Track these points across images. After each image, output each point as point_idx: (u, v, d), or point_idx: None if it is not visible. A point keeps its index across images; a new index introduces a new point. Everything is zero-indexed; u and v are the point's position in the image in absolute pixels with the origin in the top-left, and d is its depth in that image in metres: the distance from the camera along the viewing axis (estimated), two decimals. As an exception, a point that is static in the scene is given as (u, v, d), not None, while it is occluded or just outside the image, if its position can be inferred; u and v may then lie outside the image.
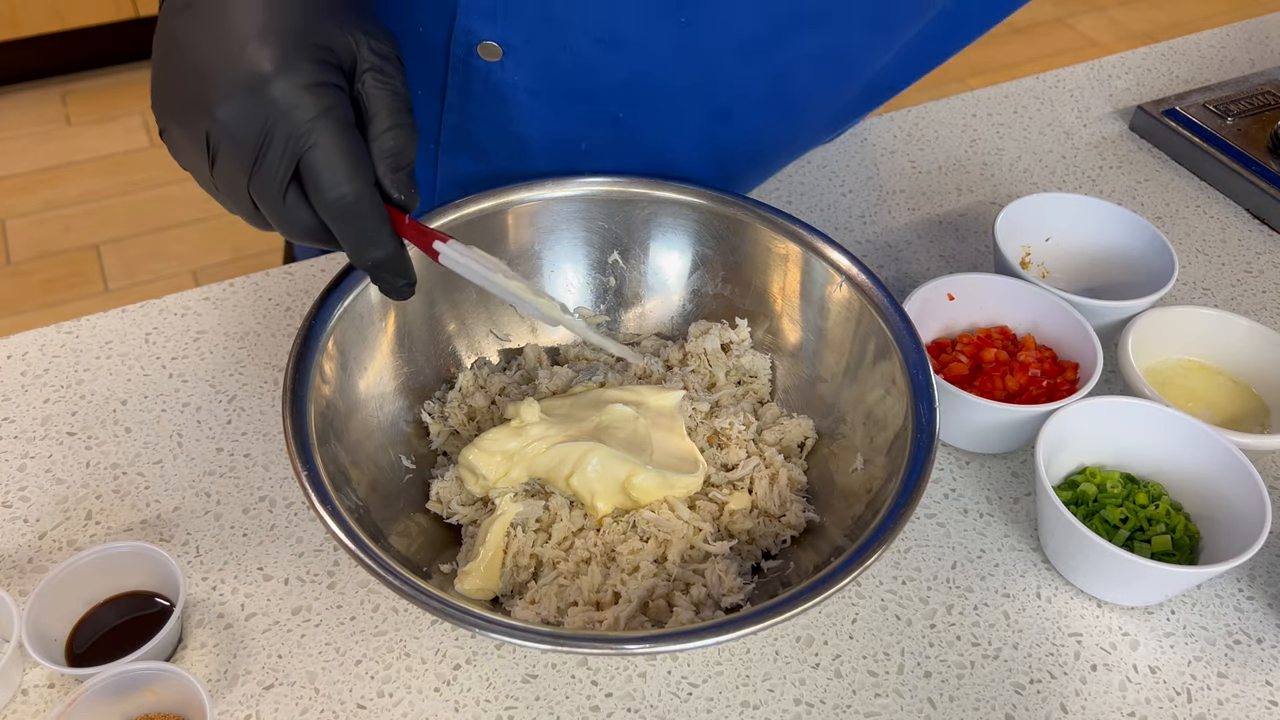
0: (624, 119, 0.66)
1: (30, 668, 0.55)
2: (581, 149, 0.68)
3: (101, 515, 0.62)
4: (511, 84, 0.64)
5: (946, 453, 0.69)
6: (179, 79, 0.45)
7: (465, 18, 0.61)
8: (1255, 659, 0.59)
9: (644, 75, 0.62)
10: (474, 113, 0.67)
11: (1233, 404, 0.70)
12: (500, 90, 0.64)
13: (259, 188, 0.45)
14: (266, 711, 0.54)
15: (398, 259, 0.49)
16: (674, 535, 0.57)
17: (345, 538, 0.49)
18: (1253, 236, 0.88)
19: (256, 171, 0.45)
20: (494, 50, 0.62)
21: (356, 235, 0.47)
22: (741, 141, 0.70)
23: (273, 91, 0.43)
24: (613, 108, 0.65)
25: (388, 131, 0.47)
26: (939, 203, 0.89)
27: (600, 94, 0.64)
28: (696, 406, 0.64)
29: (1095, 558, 0.57)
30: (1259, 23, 1.15)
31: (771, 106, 0.67)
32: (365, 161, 0.46)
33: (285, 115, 0.43)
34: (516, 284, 0.52)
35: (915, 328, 0.59)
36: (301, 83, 0.44)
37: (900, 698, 0.56)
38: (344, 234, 0.47)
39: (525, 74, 0.63)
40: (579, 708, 0.55)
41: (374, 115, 0.47)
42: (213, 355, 0.72)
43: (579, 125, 0.67)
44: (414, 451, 0.63)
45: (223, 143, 0.44)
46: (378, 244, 0.48)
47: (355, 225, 0.46)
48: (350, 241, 0.47)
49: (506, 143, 0.69)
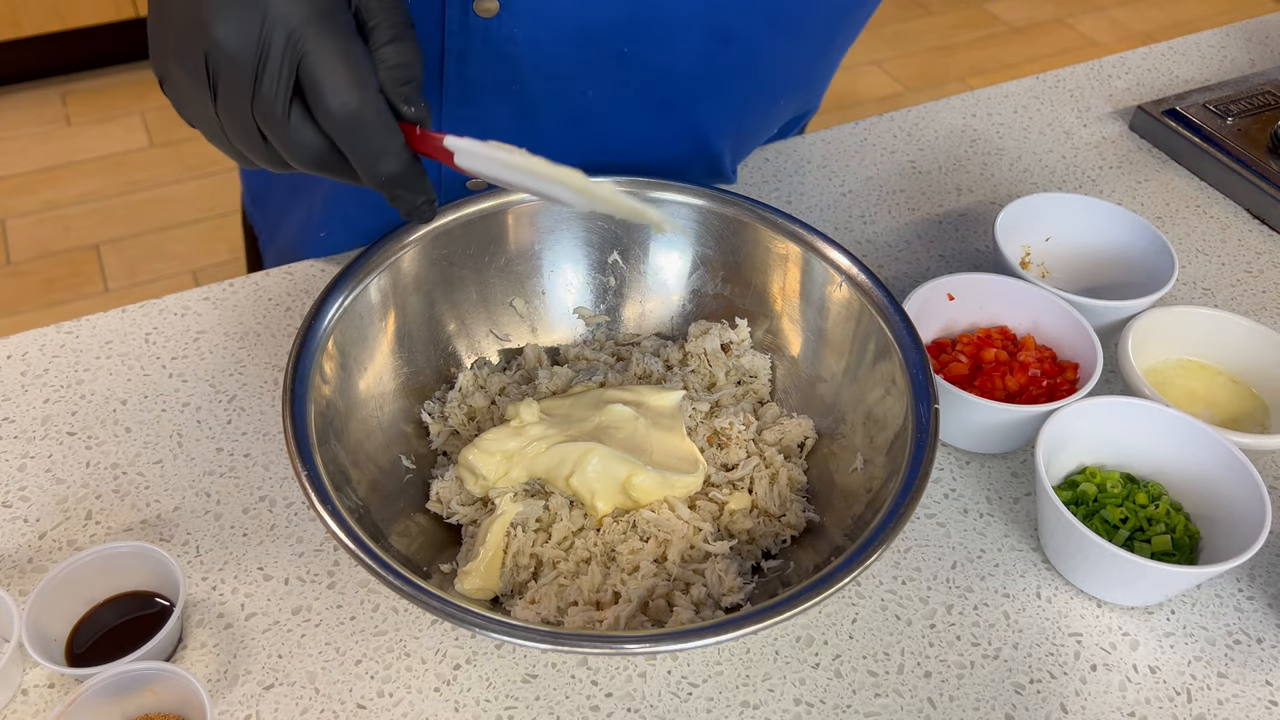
0: (628, 53, 0.65)
1: (30, 668, 0.55)
2: (589, 97, 0.67)
3: (101, 515, 0.62)
4: (511, 38, 0.63)
5: (946, 453, 0.69)
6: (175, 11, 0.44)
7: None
8: (1255, 659, 0.59)
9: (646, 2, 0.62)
10: (476, 76, 0.66)
11: (1233, 404, 0.70)
12: (501, 47, 0.63)
13: (262, 108, 0.43)
14: (266, 711, 0.54)
15: (412, 172, 0.46)
16: (674, 535, 0.57)
17: (345, 538, 0.49)
18: (1253, 236, 0.88)
19: (258, 90, 0.43)
20: (489, 6, 0.61)
21: (365, 148, 0.45)
22: (744, 68, 0.69)
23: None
24: (616, 43, 0.64)
25: (390, 44, 0.45)
26: (939, 203, 0.89)
27: (603, 30, 0.63)
28: (696, 406, 0.64)
29: (1095, 558, 0.57)
30: (1259, 23, 1.15)
31: (772, 24, 0.66)
32: (368, 69, 0.44)
33: (280, 21, 0.42)
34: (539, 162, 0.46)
35: (915, 328, 0.59)
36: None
37: (900, 698, 0.56)
38: (352, 148, 0.45)
39: (524, 24, 0.62)
40: (579, 708, 0.55)
41: (375, 27, 0.45)
42: (213, 355, 0.72)
43: (583, 70, 0.66)
44: (414, 451, 0.63)
45: (222, 63, 0.43)
46: (389, 156, 0.45)
47: (362, 136, 0.44)
48: (359, 156, 0.45)
49: (512, 101, 0.68)
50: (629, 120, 0.70)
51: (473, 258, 0.66)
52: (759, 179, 0.90)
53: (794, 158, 0.93)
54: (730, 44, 0.66)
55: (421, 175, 0.47)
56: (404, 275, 0.63)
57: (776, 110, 0.80)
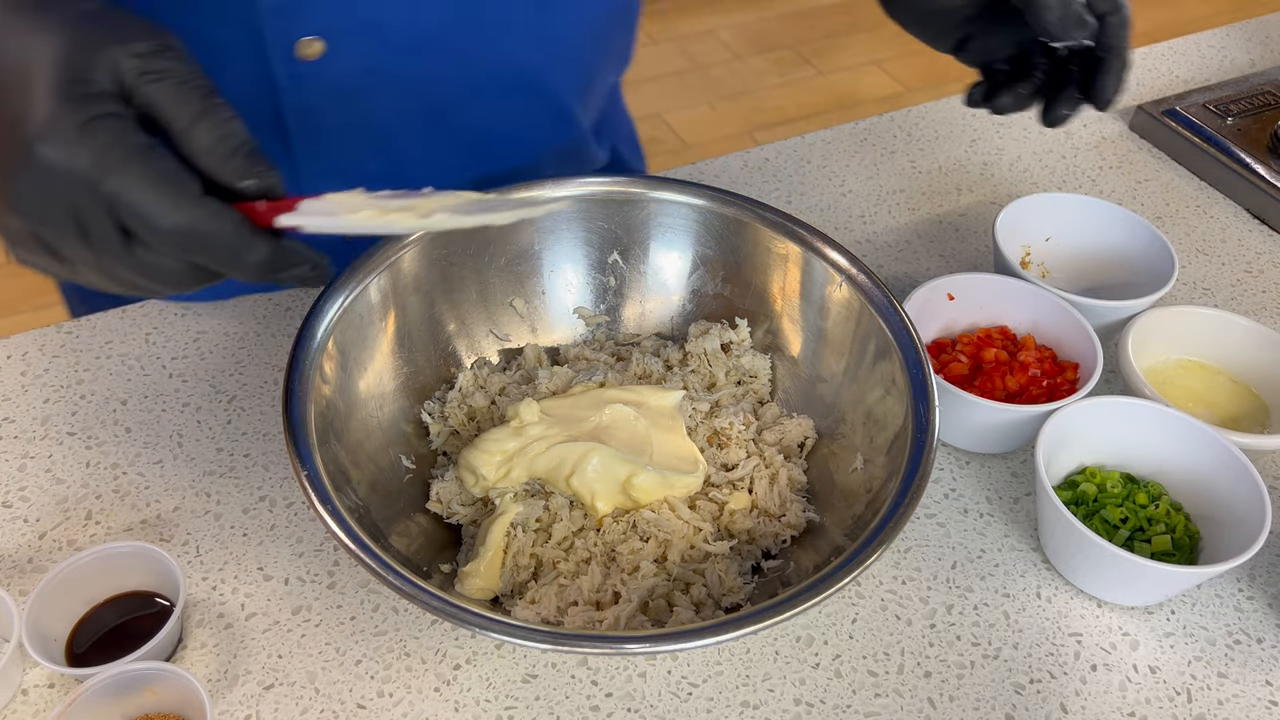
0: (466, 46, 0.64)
1: (30, 668, 0.55)
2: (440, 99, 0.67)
3: (101, 515, 0.62)
4: (347, 72, 0.62)
5: (946, 453, 0.69)
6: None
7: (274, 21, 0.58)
8: (1255, 659, 0.59)
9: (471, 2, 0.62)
10: (321, 120, 0.65)
11: (1233, 404, 0.70)
12: (338, 83, 0.62)
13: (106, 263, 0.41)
14: (266, 711, 0.54)
15: (280, 251, 0.42)
16: (674, 535, 0.57)
17: (345, 538, 0.49)
18: (1253, 236, 0.88)
19: (94, 250, 0.40)
20: (314, 48, 0.59)
21: (219, 255, 0.41)
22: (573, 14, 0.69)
23: (44, 159, 0.38)
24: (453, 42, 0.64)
25: (194, 126, 0.41)
26: (939, 203, 0.89)
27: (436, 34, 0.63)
28: (696, 406, 0.64)
29: (1095, 558, 0.57)
30: (1259, 23, 1.15)
31: None
32: (179, 177, 0.40)
33: (69, 177, 0.39)
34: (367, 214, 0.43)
35: (915, 328, 0.59)
36: (65, 134, 0.39)
37: (900, 698, 0.56)
38: (207, 260, 0.41)
39: (356, 54, 0.61)
40: (579, 708, 0.55)
41: (170, 119, 0.41)
42: (213, 355, 0.72)
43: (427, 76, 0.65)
44: (414, 451, 0.63)
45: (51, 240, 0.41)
46: (242, 252, 0.41)
47: (206, 246, 0.41)
48: (219, 264, 0.42)
49: (363, 133, 0.67)
50: (481, 112, 0.70)
51: (473, 258, 0.66)
52: (759, 179, 0.90)
53: (794, 158, 0.93)
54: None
55: (293, 249, 0.43)
56: (404, 275, 0.63)
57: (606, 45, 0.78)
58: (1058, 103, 0.62)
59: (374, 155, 0.69)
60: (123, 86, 0.41)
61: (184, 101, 0.41)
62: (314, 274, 0.44)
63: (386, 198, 0.43)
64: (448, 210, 0.43)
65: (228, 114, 0.42)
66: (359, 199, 0.43)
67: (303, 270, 0.44)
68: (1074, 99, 0.62)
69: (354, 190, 0.44)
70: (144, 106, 0.41)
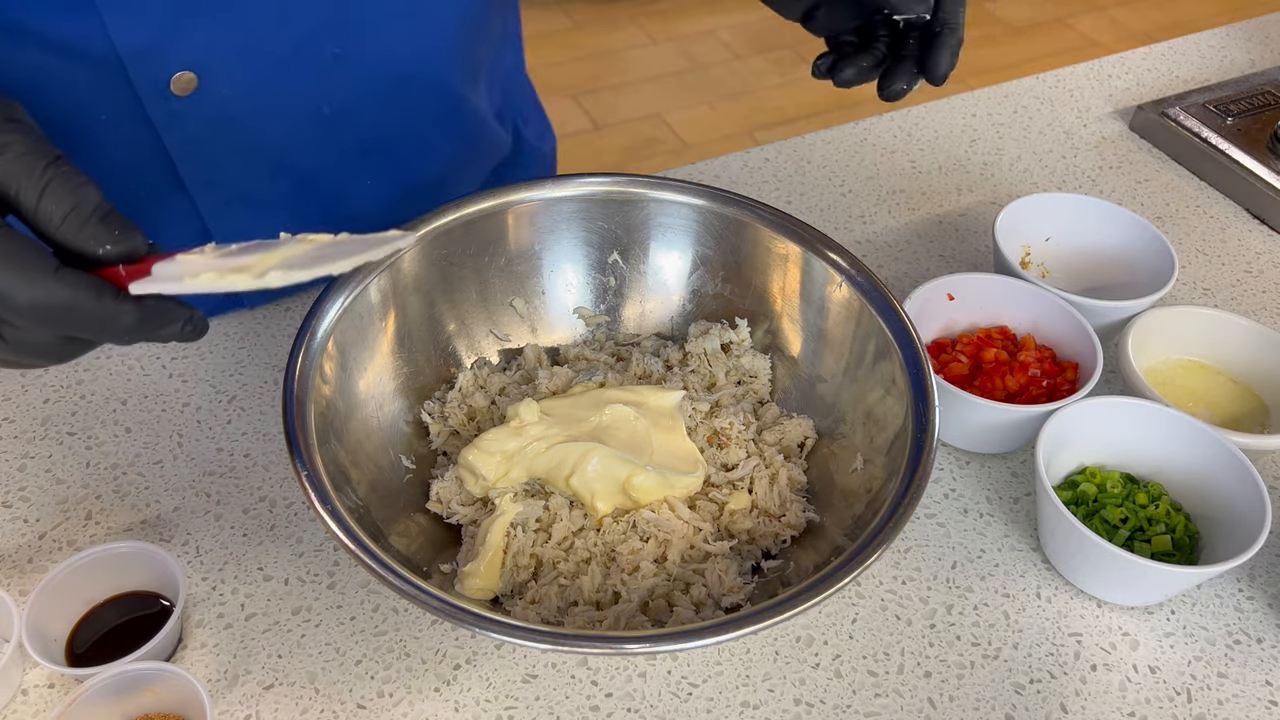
0: (342, 53, 0.64)
1: (30, 668, 0.55)
2: (326, 113, 0.66)
3: (101, 515, 0.62)
4: (224, 100, 0.61)
5: (946, 453, 0.69)
6: None
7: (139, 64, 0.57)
8: (1255, 659, 0.59)
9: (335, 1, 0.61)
10: (207, 153, 0.64)
11: (1233, 404, 0.70)
12: (217, 113, 0.61)
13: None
14: (266, 711, 0.54)
15: (148, 315, 0.41)
16: (674, 535, 0.57)
17: (345, 538, 0.49)
18: (1253, 236, 0.88)
19: None
20: (186, 80, 0.59)
21: (85, 325, 0.40)
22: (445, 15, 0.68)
23: None
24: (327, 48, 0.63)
25: (42, 197, 0.40)
26: (939, 203, 0.89)
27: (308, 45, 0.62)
28: (696, 406, 0.64)
29: (1095, 558, 0.57)
30: (1259, 23, 1.15)
31: None
32: (30, 252, 0.39)
33: None
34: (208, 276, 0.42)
35: (915, 328, 0.59)
36: None
37: (900, 698, 0.56)
38: (75, 331, 0.41)
39: (230, 81, 0.60)
40: (579, 708, 0.55)
41: (16, 192, 0.40)
42: (213, 355, 0.72)
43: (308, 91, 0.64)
44: (414, 451, 0.63)
45: None
46: (108, 321, 0.40)
47: (74, 318, 0.40)
48: (89, 333, 0.41)
49: (254, 157, 0.66)
50: (369, 112, 0.69)
51: (473, 258, 0.66)
52: (759, 179, 0.90)
53: (794, 158, 0.93)
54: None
55: (161, 309, 0.42)
56: (404, 275, 0.63)
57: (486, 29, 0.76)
58: (893, 76, 0.62)
59: (273, 177, 0.68)
60: None
61: (28, 173, 0.40)
62: (188, 329, 0.43)
63: (234, 253, 0.43)
64: (283, 266, 0.41)
65: (78, 180, 0.41)
66: (205, 259, 0.42)
67: (175, 328, 0.43)
68: (911, 73, 0.62)
69: (204, 247, 0.43)
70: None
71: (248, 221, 0.66)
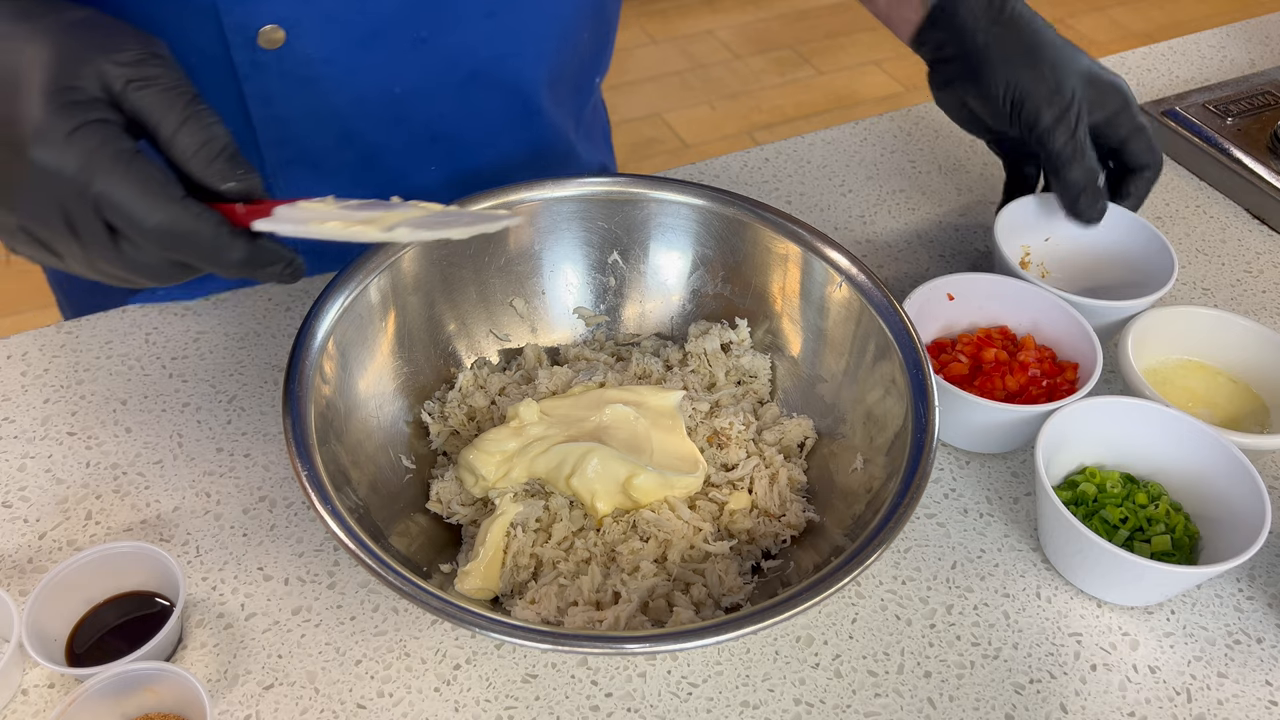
0: (426, 37, 0.65)
1: (30, 668, 0.55)
2: (398, 92, 0.68)
3: (101, 515, 0.62)
4: (307, 60, 0.63)
5: (946, 453, 0.69)
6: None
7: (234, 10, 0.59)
8: (1255, 659, 0.59)
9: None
10: (283, 111, 0.66)
11: (1233, 404, 0.70)
12: (299, 72, 0.63)
13: (96, 255, 0.43)
14: (266, 711, 0.54)
15: (256, 253, 0.45)
16: (674, 535, 0.57)
17: (345, 538, 0.49)
18: (1252, 236, 0.88)
19: (84, 246, 0.42)
20: (275, 36, 0.61)
21: (199, 253, 0.43)
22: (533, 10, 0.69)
23: (36, 161, 0.41)
24: (410, 31, 0.65)
25: (179, 131, 0.43)
26: (939, 203, 0.89)
27: (393, 23, 0.64)
28: (696, 406, 0.64)
29: (1095, 558, 0.57)
30: (1259, 23, 1.15)
31: None
32: (162, 179, 0.42)
33: (59, 179, 0.41)
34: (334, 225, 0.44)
35: (915, 328, 0.59)
36: (56, 138, 0.41)
37: (900, 698, 0.56)
38: (188, 257, 0.44)
39: (315, 42, 0.62)
40: (579, 708, 0.55)
41: (156, 124, 0.43)
42: (213, 355, 0.72)
43: (386, 67, 0.66)
44: (414, 451, 0.63)
45: (45, 237, 0.43)
46: (221, 251, 0.44)
47: (190, 245, 0.43)
48: (199, 260, 0.44)
49: (327, 124, 0.68)
50: (442, 102, 0.71)
51: (473, 258, 0.66)
52: (759, 179, 0.90)
53: (794, 158, 0.93)
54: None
55: (269, 249, 0.45)
56: (404, 275, 0.63)
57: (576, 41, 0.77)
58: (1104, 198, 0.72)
59: (340, 146, 0.70)
60: (111, 93, 0.43)
61: (169, 107, 0.43)
62: (288, 272, 0.47)
63: (355, 208, 0.45)
64: (409, 224, 0.44)
65: (211, 119, 0.44)
66: (328, 209, 0.45)
67: (278, 269, 0.46)
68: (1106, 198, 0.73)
69: (326, 198, 0.46)
70: (131, 112, 0.43)
71: (308, 185, 0.68)
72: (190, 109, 0.43)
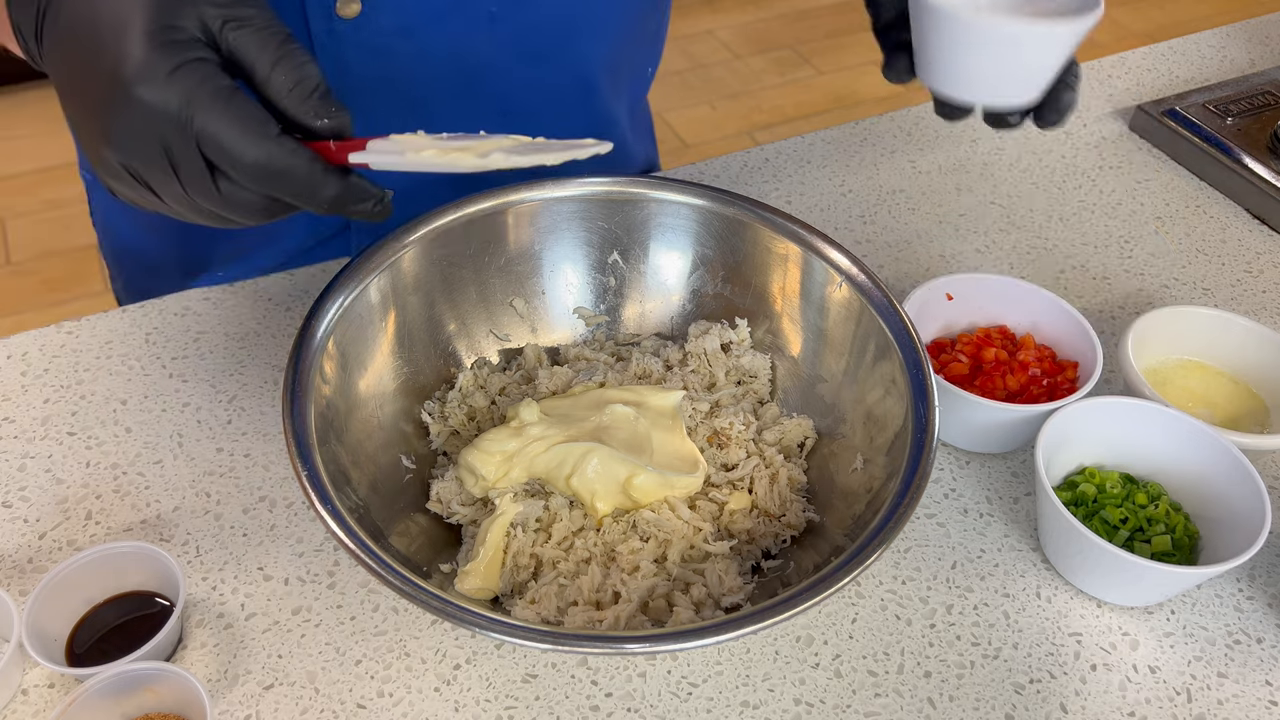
0: (498, 13, 0.67)
1: (30, 668, 0.55)
2: (469, 65, 0.69)
3: (101, 515, 0.62)
4: (381, 31, 0.64)
5: (946, 453, 0.69)
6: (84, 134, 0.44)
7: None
8: (1255, 659, 0.59)
9: None
10: (355, 79, 0.67)
11: (1233, 404, 0.70)
12: (372, 42, 0.64)
13: (194, 191, 0.44)
14: (266, 711, 0.54)
15: (349, 187, 0.46)
16: (674, 535, 0.57)
17: (345, 538, 0.49)
18: (1252, 236, 0.88)
19: (183, 181, 0.43)
20: (353, 7, 0.62)
21: (294, 189, 0.45)
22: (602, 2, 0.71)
23: (139, 99, 0.42)
24: (484, 7, 0.66)
25: (274, 70, 0.44)
26: (939, 203, 0.89)
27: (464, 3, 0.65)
28: (696, 406, 0.64)
29: (1095, 558, 0.57)
30: (1259, 23, 1.15)
31: None
32: (259, 117, 0.44)
33: (161, 115, 0.42)
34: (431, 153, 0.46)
35: (915, 328, 0.59)
36: (158, 76, 0.42)
37: (900, 698, 0.56)
38: (281, 192, 0.45)
39: (392, 14, 0.63)
40: (579, 707, 0.55)
41: (252, 63, 0.44)
42: (213, 355, 0.72)
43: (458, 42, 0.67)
44: (414, 451, 0.63)
45: (142, 172, 0.44)
46: (316, 187, 0.45)
47: (283, 180, 0.44)
48: (294, 197, 0.45)
49: (395, 93, 0.69)
50: (510, 78, 0.72)
51: (473, 258, 0.66)
52: (759, 179, 0.90)
53: (794, 158, 0.93)
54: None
55: (360, 186, 0.47)
56: (404, 275, 0.63)
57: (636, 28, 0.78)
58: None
59: (406, 117, 0.70)
60: (208, 33, 0.44)
61: (264, 47, 0.44)
62: (378, 209, 0.48)
63: (446, 139, 0.47)
64: (503, 150, 0.46)
65: (304, 58, 0.45)
66: (422, 139, 0.47)
67: (369, 205, 0.47)
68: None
69: (416, 131, 0.47)
70: (228, 52, 0.44)
71: None
72: (284, 48, 0.45)
